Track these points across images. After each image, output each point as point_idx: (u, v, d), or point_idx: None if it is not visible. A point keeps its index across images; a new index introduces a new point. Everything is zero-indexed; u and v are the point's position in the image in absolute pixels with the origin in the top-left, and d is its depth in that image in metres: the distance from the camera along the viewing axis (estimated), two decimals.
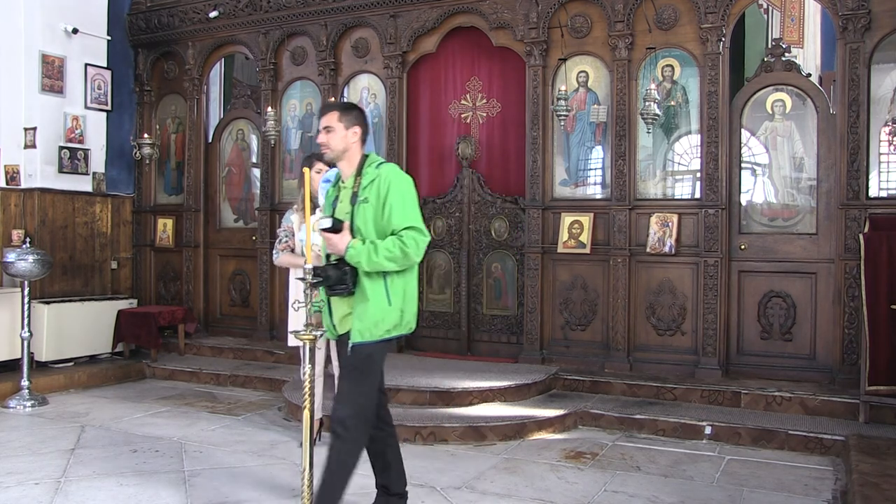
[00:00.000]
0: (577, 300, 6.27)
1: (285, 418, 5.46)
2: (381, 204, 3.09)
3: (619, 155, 6.07)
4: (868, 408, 4.91)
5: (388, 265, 3.05)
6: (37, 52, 7.09)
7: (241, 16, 7.61)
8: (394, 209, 3.09)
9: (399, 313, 3.14)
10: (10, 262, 5.88)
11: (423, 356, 6.67)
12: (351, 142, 3.20)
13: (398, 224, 3.08)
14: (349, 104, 3.36)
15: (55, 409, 5.76)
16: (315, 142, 7.37)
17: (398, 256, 3.05)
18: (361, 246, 3.04)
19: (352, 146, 3.21)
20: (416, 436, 4.88)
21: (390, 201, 3.09)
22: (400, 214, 3.09)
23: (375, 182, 3.12)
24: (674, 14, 5.94)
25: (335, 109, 3.24)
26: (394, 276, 3.13)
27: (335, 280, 3.07)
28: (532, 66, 6.35)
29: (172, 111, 8.28)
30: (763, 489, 4.04)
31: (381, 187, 3.10)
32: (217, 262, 8.01)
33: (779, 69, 5.72)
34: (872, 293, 4.89)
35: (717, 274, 5.72)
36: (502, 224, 6.65)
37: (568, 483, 4.12)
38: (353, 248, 3.04)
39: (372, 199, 3.11)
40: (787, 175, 5.73)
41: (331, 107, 3.30)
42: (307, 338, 3.05)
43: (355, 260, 3.03)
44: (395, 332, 3.15)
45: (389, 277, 3.11)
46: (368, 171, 3.18)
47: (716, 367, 5.71)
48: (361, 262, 3.03)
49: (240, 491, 3.94)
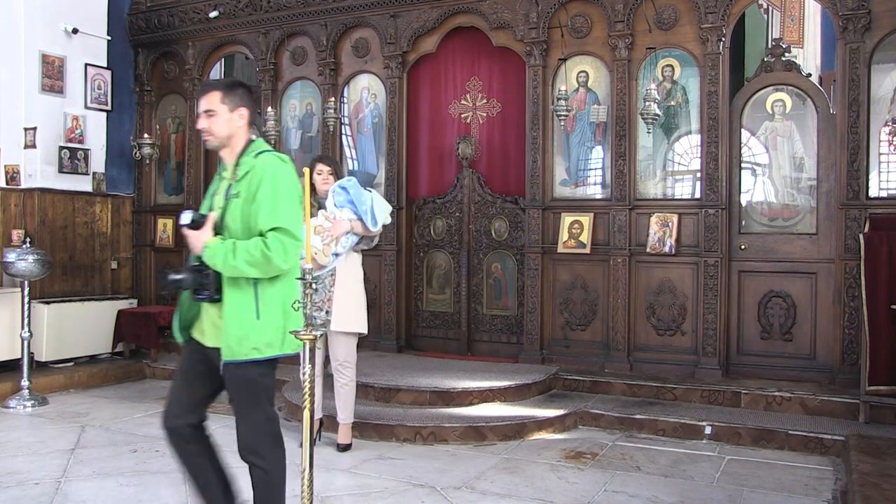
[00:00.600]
0: (577, 300, 6.27)
1: (285, 418, 5.46)
2: (251, 200, 2.67)
3: (619, 155, 6.07)
4: (868, 408, 4.91)
5: (248, 270, 2.62)
6: (37, 52, 7.09)
7: (241, 16, 7.61)
8: (262, 206, 2.65)
9: (277, 330, 2.71)
10: (10, 262, 5.88)
11: (423, 356, 6.67)
12: (236, 126, 2.77)
13: (264, 224, 2.65)
14: (234, 81, 2.88)
15: (55, 409, 5.77)
16: (314, 142, 7.44)
17: (259, 261, 2.61)
18: (219, 245, 2.64)
19: (237, 131, 2.78)
20: (416, 436, 4.88)
21: (259, 197, 2.65)
22: (268, 213, 2.65)
23: (250, 174, 2.70)
24: (674, 14, 5.94)
25: (217, 89, 2.79)
26: (266, 284, 2.69)
27: (192, 284, 2.70)
28: (532, 66, 6.35)
29: (172, 111, 8.28)
30: (763, 489, 4.04)
31: (253, 180, 2.68)
32: None
33: (779, 69, 5.72)
34: (872, 293, 4.89)
35: (717, 274, 5.72)
36: (502, 224, 6.65)
37: (568, 483, 4.12)
38: (210, 247, 2.65)
39: (243, 194, 2.69)
40: (787, 175, 5.73)
41: (212, 86, 2.83)
42: (307, 338, 3.05)
43: (211, 261, 2.65)
44: (269, 351, 2.70)
45: (261, 286, 2.68)
46: (246, 161, 2.75)
47: (716, 367, 5.70)
48: (217, 263, 2.64)
49: (240, 491, 3.94)
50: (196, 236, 2.68)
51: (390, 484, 4.07)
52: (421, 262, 7.02)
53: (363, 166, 7.22)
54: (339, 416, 4.67)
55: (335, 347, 4.60)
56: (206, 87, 2.85)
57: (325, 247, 4.43)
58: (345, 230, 4.47)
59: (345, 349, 4.60)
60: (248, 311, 2.66)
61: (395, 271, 6.91)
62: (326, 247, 4.44)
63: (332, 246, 4.46)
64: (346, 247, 4.52)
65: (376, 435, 4.93)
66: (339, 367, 4.61)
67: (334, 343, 4.60)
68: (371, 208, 4.50)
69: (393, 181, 6.95)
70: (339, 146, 7.21)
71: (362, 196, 4.51)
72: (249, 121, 2.81)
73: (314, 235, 4.38)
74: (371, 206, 4.51)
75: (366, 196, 4.52)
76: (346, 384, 4.63)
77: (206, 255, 2.66)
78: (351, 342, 4.64)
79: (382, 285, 6.94)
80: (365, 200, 4.50)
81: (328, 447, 4.67)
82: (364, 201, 4.50)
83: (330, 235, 4.45)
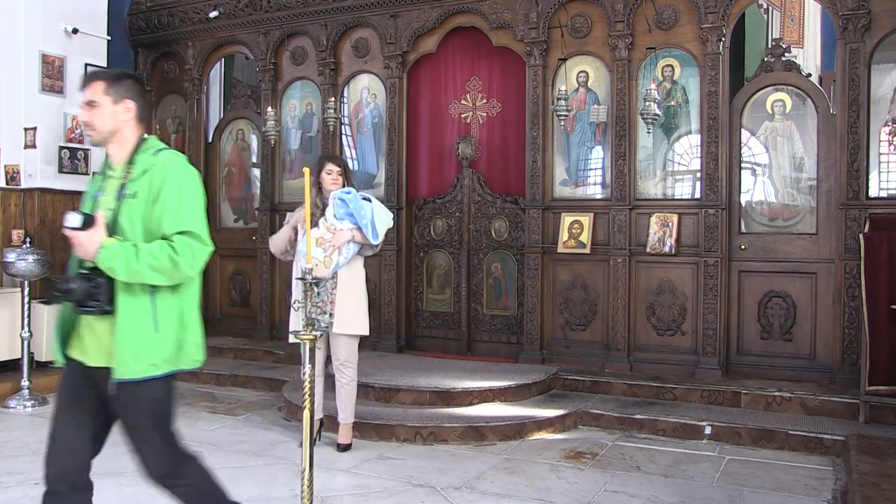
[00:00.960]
0: (577, 300, 6.27)
1: (285, 418, 5.46)
2: (154, 200, 2.44)
3: (619, 155, 6.07)
4: (868, 408, 4.91)
5: (152, 277, 2.38)
6: (37, 52, 7.09)
7: (241, 16, 7.61)
8: (167, 208, 2.42)
9: (174, 343, 2.48)
10: (10, 262, 5.88)
11: (422, 356, 6.67)
12: (121, 120, 2.52)
13: (170, 227, 2.42)
14: (120, 72, 2.64)
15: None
16: (314, 142, 7.44)
17: (166, 267, 2.37)
18: (119, 247, 2.37)
19: (122, 126, 2.53)
20: (416, 436, 4.88)
21: (164, 198, 2.43)
22: (174, 215, 2.43)
23: (149, 173, 2.46)
24: (674, 14, 5.94)
25: (100, 79, 2.54)
26: (165, 293, 2.46)
27: (82, 294, 2.39)
28: (532, 66, 6.35)
29: (172, 111, 8.28)
30: (763, 489, 4.04)
31: (154, 179, 2.45)
32: (217, 262, 8.00)
33: (779, 69, 5.72)
34: (872, 293, 4.89)
35: (717, 274, 5.72)
36: (502, 224, 6.65)
37: (568, 483, 4.12)
38: (108, 248, 2.37)
39: (143, 194, 2.45)
40: (787, 175, 5.73)
41: (95, 75, 2.58)
42: (307, 338, 3.05)
43: (108, 265, 2.36)
44: (167, 366, 2.47)
45: (159, 295, 2.44)
46: (142, 159, 2.51)
47: (716, 367, 5.70)
48: (116, 268, 2.36)
49: (240, 491, 3.93)
50: (88, 238, 2.39)
51: (390, 484, 4.07)
52: (421, 262, 7.02)
53: (363, 166, 7.22)
54: (340, 416, 4.67)
55: (336, 348, 4.60)
56: (90, 76, 2.58)
57: (325, 258, 4.41)
58: (346, 239, 4.46)
59: (346, 349, 4.60)
60: (145, 323, 2.42)
61: (395, 271, 6.91)
62: (327, 258, 4.42)
63: (334, 257, 4.44)
64: (348, 257, 4.51)
65: (376, 435, 4.93)
66: (341, 367, 4.61)
67: (335, 344, 4.60)
68: (371, 220, 4.46)
69: (393, 181, 6.95)
70: (339, 146, 7.21)
71: (362, 209, 4.46)
72: (137, 115, 2.56)
73: (316, 247, 4.36)
74: (371, 217, 4.46)
75: (366, 208, 4.48)
76: (347, 384, 4.63)
77: (101, 257, 2.37)
78: (352, 343, 4.64)
79: (382, 285, 6.94)
80: (365, 213, 4.46)
81: (328, 447, 4.67)
82: (364, 214, 4.45)
83: (332, 246, 4.44)
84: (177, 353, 2.49)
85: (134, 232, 2.44)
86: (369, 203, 4.53)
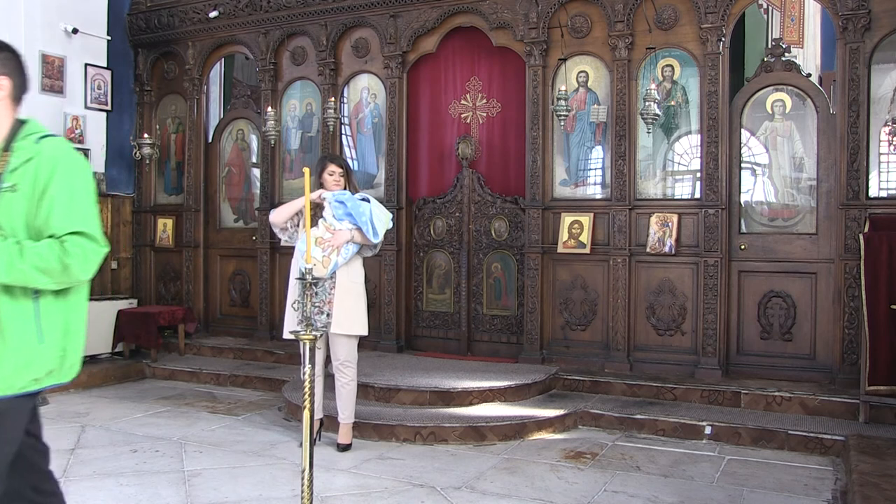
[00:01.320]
0: (577, 300, 6.27)
1: (285, 418, 5.46)
2: (39, 195, 2.13)
3: (619, 155, 6.07)
4: (868, 408, 4.91)
5: (39, 279, 2.08)
6: (37, 52, 7.09)
7: (241, 16, 7.61)
8: (56, 204, 2.12)
9: (58, 354, 2.19)
10: None
11: (422, 356, 6.67)
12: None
13: (60, 226, 2.12)
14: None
15: (55, 409, 5.76)
16: (314, 142, 7.44)
17: (55, 269, 2.09)
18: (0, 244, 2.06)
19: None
20: (416, 436, 4.88)
21: (52, 192, 2.13)
22: (65, 212, 2.13)
23: (33, 163, 2.15)
24: (674, 14, 5.94)
25: None
26: (50, 298, 2.16)
27: None
28: (532, 66, 6.35)
29: (172, 111, 8.28)
30: (763, 489, 4.04)
31: (40, 171, 2.14)
32: (217, 262, 8.01)
33: (779, 69, 5.72)
34: (872, 293, 4.89)
35: (717, 274, 5.72)
36: (502, 224, 6.65)
37: (568, 483, 4.12)
38: None
39: (25, 187, 2.13)
40: (787, 175, 5.73)
41: None
42: (307, 338, 3.05)
43: None
44: (49, 380, 2.18)
45: (43, 301, 2.15)
46: (22, 146, 2.19)
47: (716, 367, 5.71)
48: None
49: (240, 491, 3.94)
50: None
51: (390, 484, 4.07)
52: (421, 262, 7.02)
53: (363, 166, 7.22)
54: (340, 416, 4.67)
55: (336, 348, 4.60)
56: None
57: (324, 258, 4.41)
58: (346, 239, 4.46)
59: (346, 349, 4.60)
60: (28, 333, 2.12)
61: (394, 271, 6.91)
62: (326, 258, 4.42)
63: (332, 257, 4.44)
64: (347, 257, 4.51)
65: (376, 435, 4.93)
66: (341, 367, 4.61)
67: (335, 344, 4.60)
68: (370, 220, 4.47)
69: (393, 181, 6.95)
70: (339, 146, 7.21)
71: (360, 208, 4.47)
72: (13, 94, 2.24)
73: (315, 247, 4.36)
74: (370, 217, 4.47)
75: (364, 207, 4.48)
76: (347, 384, 4.63)
77: None
78: (352, 343, 4.64)
79: (382, 285, 6.94)
80: (363, 212, 4.46)
81: (328, 447, 4.68)
82: (363, 213, 4.46)
83: (331, 246, 4.44)
84: (61, 366, 2.20)
85: (14, 229, 2.12)
86: (368, 203, 4.54)
